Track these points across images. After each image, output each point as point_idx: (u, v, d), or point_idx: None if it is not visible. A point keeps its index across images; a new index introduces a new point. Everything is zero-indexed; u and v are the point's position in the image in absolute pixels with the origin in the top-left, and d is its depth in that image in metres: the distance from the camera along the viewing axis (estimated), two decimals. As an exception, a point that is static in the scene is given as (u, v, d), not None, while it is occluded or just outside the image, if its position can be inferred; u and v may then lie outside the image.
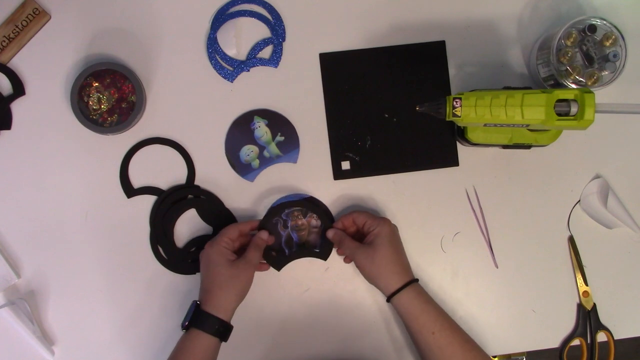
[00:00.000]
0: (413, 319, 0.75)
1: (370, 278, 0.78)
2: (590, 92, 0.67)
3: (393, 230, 0.79)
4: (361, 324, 0.85)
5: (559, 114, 0.67)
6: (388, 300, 0.77)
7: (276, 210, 0.82)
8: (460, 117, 0.68)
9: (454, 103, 0.67)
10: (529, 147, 0.81)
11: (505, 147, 0.83)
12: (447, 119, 0.69)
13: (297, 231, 0.83)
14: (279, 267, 0.82)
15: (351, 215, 0.81)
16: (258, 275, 0.81)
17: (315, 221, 0.83)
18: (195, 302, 0.75)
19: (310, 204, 0.83)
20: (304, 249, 0.83)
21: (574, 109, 0.67)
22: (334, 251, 0.84)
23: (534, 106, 0.67)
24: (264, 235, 0.80)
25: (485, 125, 0.70)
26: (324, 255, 0.83)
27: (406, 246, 0.82)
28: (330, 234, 0.81)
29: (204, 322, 0.73)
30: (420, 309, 0.75)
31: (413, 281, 0.77)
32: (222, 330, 0.73)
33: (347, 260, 0.84)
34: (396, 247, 0.79)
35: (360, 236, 0.81)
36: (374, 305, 0.85)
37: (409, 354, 0.84)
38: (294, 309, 0.84)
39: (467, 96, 0.68)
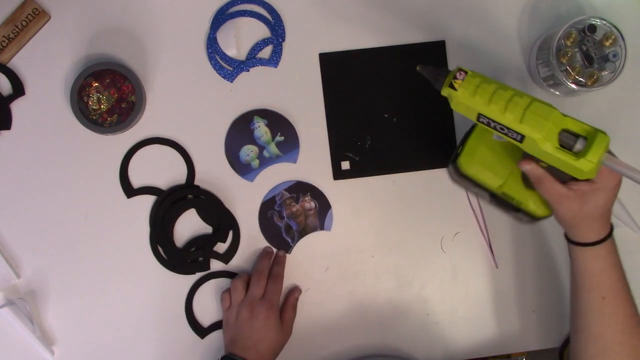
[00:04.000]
0: (590, 276, 0.69)
1: (566, 225, 0.69)
2: (606, 135, 0.57)
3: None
4: (361, 323, 0.85)
5: (560, 143, 0.58)
6: (571, 242, 0.69)
7: (268, 204, 0.83)
8: (456, 90, 0.60)
9: (457, 74, 0.60)
10: (514, 209, 0.71)
11: (491, 198, 0.74)
12: (443, 90, 0.61)
13: (293, 218, 0.84)
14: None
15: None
16: (258, 275, 0.82)
17: (308, 204, 0.83)
18: None
19: (300, 188, 0.84)
20: (305, 234, 0.84)
21: (578, 146, 0.58)
22: (333, 251, 0.84)
23: (538, 116, 0.57)
24: (297, 294, 0.83)
25: (478, 117, 0.60)
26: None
27: (406, 246, 0.82)
28: (527, 166, 0.64)
29: None
30: (602, 270, 0.68)
31: (610, 234, 0.69)
32: None
33: (531, 168, 0.65)
34: (606, 203, 0.67)
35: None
36: (374, 305, 0.85)
37: (409, 354, 0.84)
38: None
39: (474, 74, 0.60)
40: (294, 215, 0.84)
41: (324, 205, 0.84)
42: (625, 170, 0.59)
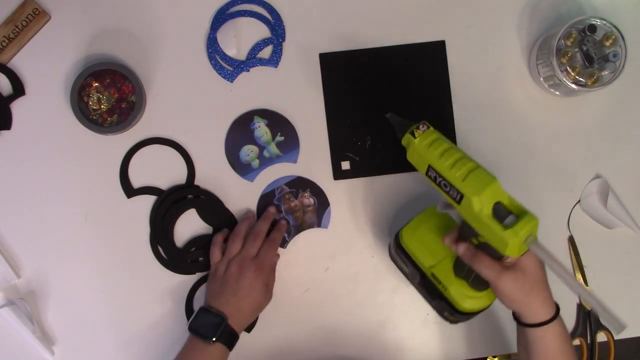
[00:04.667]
0: (548, 355, 0.67)
1: (514, 303, 0.66)
2: (535, 218, 0.59)
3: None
4: (361, 324, 0.85)
5: (493, 212, 0.60)
6: (525, 325, 0.67)
7: (266, 197, 0.83)
8: (415, 139, 0.64)
9: (421, 125, 0.65)
10: (439, 295, 0.71)
11: (420, 280, 0.74)
12: (403, 138, 0.66)
13: (291, 214, 0.84)
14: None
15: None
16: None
17: (307, 200, 0.83)
18: (223, 317, 0.73)
19: (300, 183, 0.84)
20: (301, 230, 0.84)
21: (508, 221, 0.60)
22: (333, 251, 0.84)
23: (480, 181, 0.60)
24: (276, 259, 0.82)
25: (428, 170, 0.64)
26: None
27: (406, 246, 0.81)
28: (461, 249, 0.66)
29: (232, 341, 0.74)
30: (560, 348, 0.67)
31: (559, 309, 0.68)
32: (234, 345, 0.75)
33: (458, 247, 0.67)
34: (544, 270, 0.68)
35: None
36: (374, 305, 0.85)
37: (409, 354, 0.84)
38: (294, 309, 0.84)
39: (434, 131, 0.65)
40: (292, 210, 0.84)
41: (322, 203, 0.84)
42: (545, 257, 0.60)
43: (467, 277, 0.69)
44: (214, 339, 0.72)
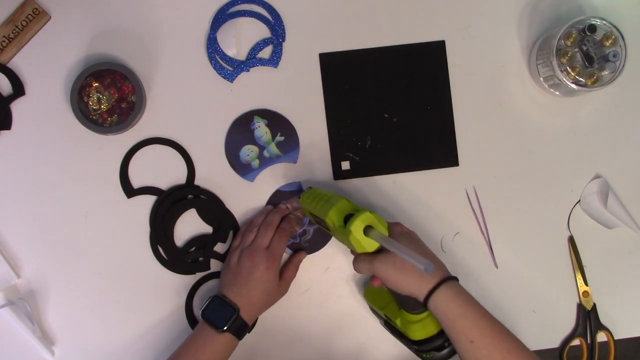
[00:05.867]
0: (450, 324, 0.66)
1: (399, 286, 0.69)
2: (365, 212, 0.68)
3: (405, 230, 0.74)
4: (362, 324, 0.85)
5: (344, 222, 0.70)
6: (425, 305, 0.68)
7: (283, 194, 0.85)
8: (300, 198, 0.78)
9: (306, 189, 0.79)
10: (398, 333, 0.76)
11: (384, 323, 0.81)
12: (301, 196, 0.78)
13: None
14: None
15: None
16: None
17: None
18: (235, 308, 0.74)
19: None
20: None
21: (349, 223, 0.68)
22: (333, 251, 0.84)
23: (330, 203, 0.71)
24: (302, 256, 0.84)
25: (310, 214, 0.77)
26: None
27: (406, 246, 0.81)
28: (353, 266, 0.74)
29: (242, 332, 0.75)
30: (458, 312, 0.66)
31: (449, 279, 0.68)
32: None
33: (376, 282, 0.75)
34: (417, 242, 0.72)
35: None
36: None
37: (410, 355, 0.84)
38: (294, 309, 0.84)
39: (317, 190, 0.78)
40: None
41: None
42: (381, 241, 0.65)
43: (402, 305, 0.73)
44: (225, 328, 0.72)
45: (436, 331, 0.71)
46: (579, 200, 0.87)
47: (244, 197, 0.85)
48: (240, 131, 0.85)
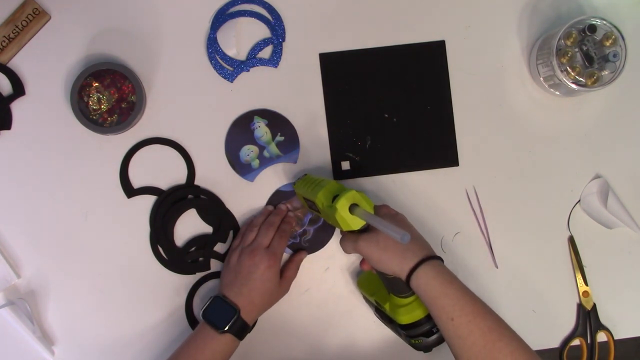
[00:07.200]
0: (432, 302, 0.66)
1: (382, 264, 0.69)
2: (350, 191, 0.69)
3: (393, 211, 0.75)
4: (362, 324, 0.85)
5: (332, 201, 0.70)
6: (408, 284, 0.68)
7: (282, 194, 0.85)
8: (295, 184, 0.81)
9: (302, 176, 0.81)
10: (388, 319, 0.77)
11: (375, 310, 0.82)
12: (295, 182, 0.81)
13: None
14: None
15: None
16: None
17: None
18: (236, 309, 0.73)
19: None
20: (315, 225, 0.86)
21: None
22: (333, 250, 0.84)
23: (319, 186, 0.73)
24: (303, 256, 0.83)
25: (303, 198, 0.78)
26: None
27: (406, 246, 0.81)
28: (364, 265, 0.80)
29: (242, 332, 0.74)
30: (439, 290, 0.66)
31: (431, 258, 0.69)
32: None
33: (365, 265, 0.80)
34: (402, 222, 0.73)
35: None
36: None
37: (410, 354, 0.84)
38: (294, 309, 0.85)
39: (310, 176, 0.79)
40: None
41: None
42: (366, 217, 0.66)
43: (390, 289, 0.74)
44: (225, 328, 0.72)
45: (423, 315, 0.72)
46: (579, 200, 0.87)
47: (244, 197, 0.85)
48: (240, 131, 0.85)
